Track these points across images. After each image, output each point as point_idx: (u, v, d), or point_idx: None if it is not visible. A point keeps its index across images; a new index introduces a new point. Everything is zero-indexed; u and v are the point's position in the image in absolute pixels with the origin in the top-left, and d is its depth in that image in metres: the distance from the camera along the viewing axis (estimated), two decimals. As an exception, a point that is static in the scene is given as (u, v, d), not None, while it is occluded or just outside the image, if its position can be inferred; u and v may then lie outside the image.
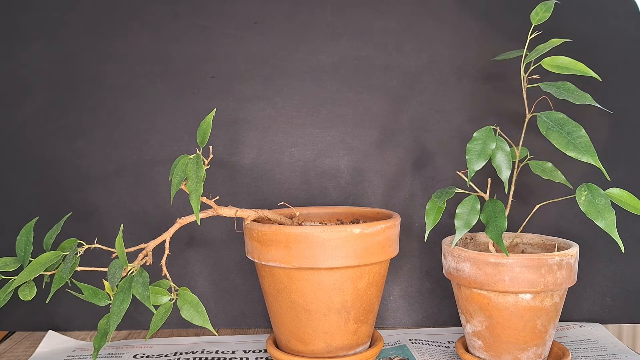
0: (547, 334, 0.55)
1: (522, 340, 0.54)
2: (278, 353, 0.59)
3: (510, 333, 0.54)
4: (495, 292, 0.53)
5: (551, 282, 0.52)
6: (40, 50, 0.71)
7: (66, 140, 0.71)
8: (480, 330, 0.55)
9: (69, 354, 0.63)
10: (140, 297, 0.48)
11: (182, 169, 0.51)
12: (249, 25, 0.71)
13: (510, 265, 0.52)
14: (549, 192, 0.69)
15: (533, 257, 0.52)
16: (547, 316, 0.54)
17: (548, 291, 0.53)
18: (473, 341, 0.57)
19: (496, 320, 0.54)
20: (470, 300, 0.55)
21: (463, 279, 0.55)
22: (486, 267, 0.53)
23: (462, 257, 0.55)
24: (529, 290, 0.52)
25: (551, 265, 0.52)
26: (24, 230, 0.55)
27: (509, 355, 0.54)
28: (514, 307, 0.53)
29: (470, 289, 0.55)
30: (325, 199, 0.72)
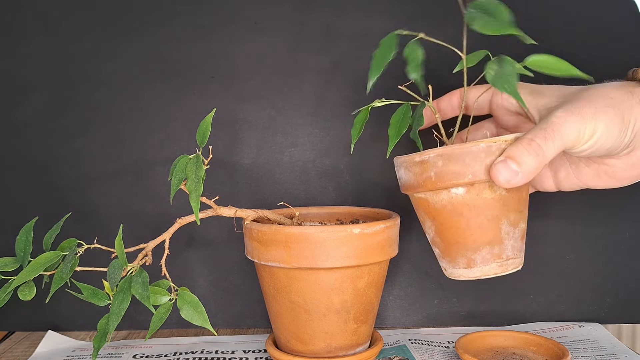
0: (501, 230, 0.49)
1: (470, 240, 0.49)
2: (278, 353, 0.59)
3: (456, 233, 0.50)
4: (429, 191, 0.49)
5: (479, 171, 0.47)
6: (40, 50, 0.71)
7: (66, 140, 0.71)
8: (433, 237, 0.52)
9: (69, 354, 0.63)
10: (140, 297, 0.48)
11: (182, 169, 0.51)
12: (249, 25, 0.71)
13: (433, 159, 0.48)
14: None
15: (454, 147, 0.48)
16: (491, 211, 0.48)
17: (482, 182, 0.47)
18: (435, 251, 0.54)
19: (439, 222, 0.50)
20: (418, 208, 0.53)
21: (404, 186, 0.53)
22: (414, 168, 0.50)
23: (398, 163, 0.53)
24: (457, 183, 0.48)
25: (476, 152, 0.47)
26: (24, 230, 0.55)
27: (462, 257, 0.50)
28: (451, 205, 0.49)
29: (412, 195, 0.52)
30: (325, 199, 0.73)
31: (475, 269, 0.50)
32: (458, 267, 0.51)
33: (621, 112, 0.45)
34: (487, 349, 0.61)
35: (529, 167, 0.44)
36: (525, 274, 0.73)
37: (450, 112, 0.57)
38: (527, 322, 0.72)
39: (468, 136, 0.58)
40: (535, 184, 0.56)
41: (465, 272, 0.51)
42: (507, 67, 0.46)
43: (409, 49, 0.50)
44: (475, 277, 0.51)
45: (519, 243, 0.51)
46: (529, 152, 0.44)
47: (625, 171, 0.49)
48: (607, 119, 0.45)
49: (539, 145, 0.44)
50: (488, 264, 0.50)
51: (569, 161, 0.52)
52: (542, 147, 0.44)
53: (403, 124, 0.53)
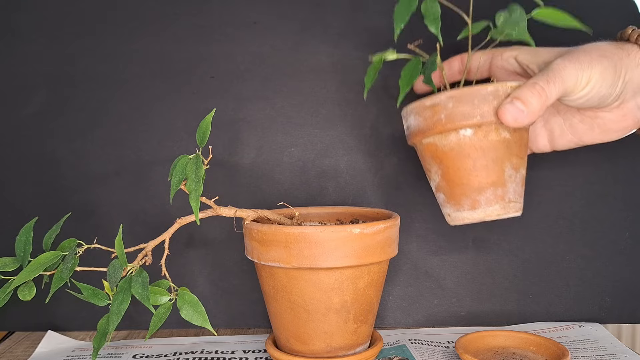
0: (504, 173, 0.51)
1: (475, 181, 0.51)
2: (277, 353, 0.59)
3: (462, 175, 0.52)
4: (438, 134, 0.51)
5: (487, 112, 0.50)
6: (39, 50, 0.71)
7: (66, 140, 0.71)
8: (439, 181, 0.54)
9: (69, 354, 0.63)
10: (140, 297, 0.48)
11: (182, 169, 0.51)
12: (249, 25, 0.71)
13: (444, 101, 0.50)
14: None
15: (463, 88, 0.50)
16: (496, 153, 0.51)
17: (490, 124, 0.50)
18: (439, 198, 0.55)
19: (446, 164, 0.52)
20: (425, 155, 0.54)
21: (413, 134, 0.54)
22: (425, 112, 0.52)
23: (408, 111, 0.54)
24: (466, 124, 0.50)
25: (484, 95, 0.50)
26: (24, 230, 0.55)
27: (467, 199, 0.52)
28: (458, 147, 0.51)
29: (421, 142, 0.53)
30: (325, 199, 0.72)
31: (479, 210, 0.52)
32: (462, 210, 0.53)
33: (614, 63, 0.49)
34: (487, 349, 0.61)
35: (533, 107, 0.48)
36: (525, 274, 0.73)
37: (450, 77, 0.60)
38: (527, 322, 0.72)
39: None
40: (530, 145, 0.58)
41: (469, 214, 0.53)
42: (516, 14, 0.50)
43: (426, 4, 0.52)
44: (478, 218, 0.52)
45: (519, 188, 0.53)
46: (533, 93, 0.48)
47: (617, 123, 0.53)
48: (601, 67, 0.49)
49: (542, 87, 0.48)
50: (491, 205, 0.52)
51: (563, 118, 0.56)
52: (544, 89, 0.48)
53: (414, 74, 0.54)
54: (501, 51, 0.56)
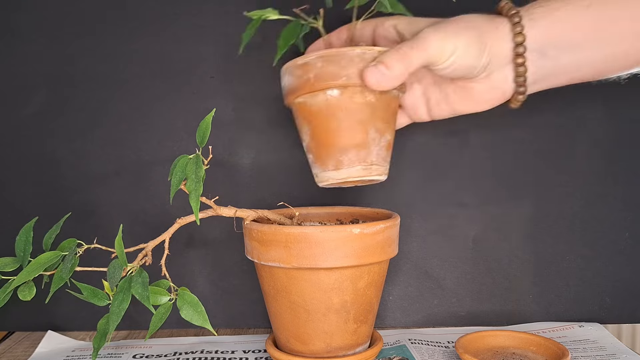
0: (368, 135, 0.52)
1: (340, 142, 0.52)
2: (277, 353, 0.59)
3: (328, 135, 0.52)
4: (308, 93, 0.52)
5: (353, 74, 0.50)
6: (39, 50, 0.71)
7: (66, 140, 0.71)
8: (308, 142, 0.54)
9: (69, 354, 0.63)
10: (140, 297, 0.48)
11: (182, 169, 0.51)
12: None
13: (313, 61, 0.51)
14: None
15: (332, 50, 0.51)
16: (360, 115, 0.51)
17: (355, 86, 0.50)
18: (309, 159, 0.55)
19: (314, 124, 0.52)
20: (297, 115, 0.54)
21: (287, 93, 0.54)
22: (297, 70, 0.52)
23: (283, 70, 0.54)
24: (333, 85, 0.50)
25: (352, 57, 0.50)
26: (24, 230, 0.55)
27: (332, 159, 0.52)
28: (326, 107, 0.51)
29: (294, 102, 0.54)
30: (325, 199, 0.72)
31: (342, 170, 0.52)
32: (327, 170, 0.53)
33: (480, 34, 0.50)
34: (487, 349, 0.61)
35: (396, 72, 0.49)
36: (525, 274, 0.73)
37: (338, 45, 0.60)
38: (527, 322, 0.72)
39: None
40: (410, 114, 0.59)
41: (333, 174, 0.53)
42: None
43: None
44: (341, 178, 0.53)
45: (383, 152, 0.54)
46: (396, 58, 0.49)
47: (486, 94, 0.54)
48: (467, 37, 0.50)
49: (405, 52, 0.49)
50: (354, 165, 0.52)
51: (439, 89, 0.57)
52: (408, 54, 0.49)
53: (292, 35, 0.55)
54: (383, 20, 0.57)
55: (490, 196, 0.72)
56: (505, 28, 0.50)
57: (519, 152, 0.72)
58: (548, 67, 0.51)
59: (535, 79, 0.51)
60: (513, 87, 0.52)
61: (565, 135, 0.71)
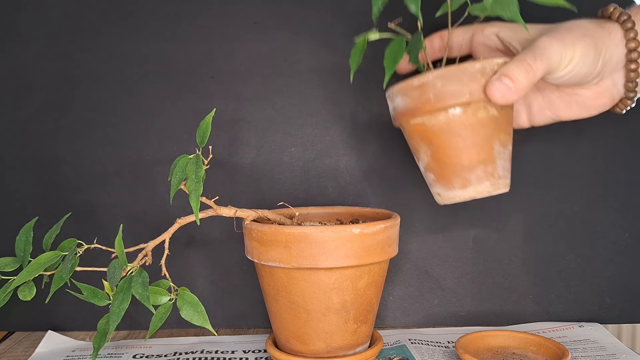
0: (494, 150, 0.52)
1: (466, 160, 0.51)
2: (278, 353, 0.59)
3: (453, 154, 0.51)
4: (427, 114, 0.51)
5: (476, 90, 0.49)
6: (40, 50, 0.71)
7: (66, 140, 0.71)
8: (428, 161, 0.54)
9: (69, 354, 0.63)
10: (140, 297, 0.48)
11: (182, 169, 0.51)
12: (249, 25, 0.71)
13: (432, 81, 0.50)
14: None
15: (451, 67, 0.50)
16: (485, 130, 0.51)
17: (478, 102, 0.50)
18: (428, 178, 0.55)
19: (436, 144, 0.52)
20: (413, 135, 0.54)
21: (399, 115, 0.53)
22: (413, 92, 0.51)
23: (394, 92, 0.54)
24: (455, 103, 0.50)
25: (472, 73, 0.50)
26: (24, 230, 0.55)
27: (458, 177, 0.52)
28: (448, 126, 0.51)
29: (408, 122, 0.53)
30: (325, 199, 0.72)
31: (470, 188, 0.52)
32: (453, 189, 0.53)
33: (595, 41, 0.50)
34: (487, 349, 0.61)
35: (521, 84, 0.48)
36: (525, 274, 0.73)
37: (431, 55, 0.60)
38: (527, 322, 0.72)
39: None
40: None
41: (460, 193, 0.53)
42: None
43: None
44: (469, 196, 0.52)
45: (507, 163, 0.54)
46: (520, 70, 0.49)
47: (594, 100, 0.54)
48: (584, 45, 0.49)
49: (529, 64, 0.49)
50: (482, 182, 0.52)
51: (542, 95, 0.56)
52: (532, 65, 0.49)
53: (398, 53, 0.53)
54: (482, 27, 0.56)
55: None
56: (619, 34, 0.50)
57: (519, 152, 0.72)
58: None
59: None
60: (622, 93, 0.52)
61: (565, 134, 0.71)
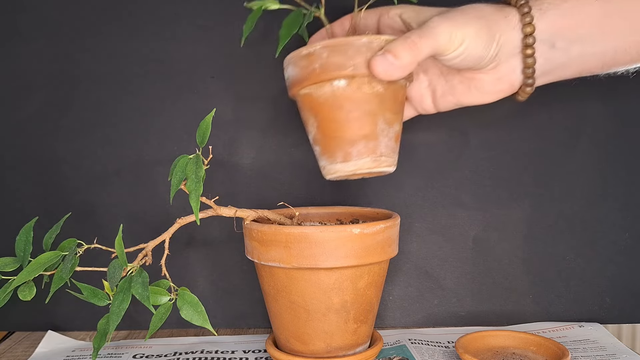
0: (377, 126, 0.51)
1: (348, 133, 0.51)
2: (278, 353, 0.59)
3: (336, 126, 0.51)
4: (313, 84, 0.51)
5: (360, 64, 0.49)
6: (40, 50, 0.71)
7: (66, 140, 0.71)
8: (315, 134, 0.53)
9: (69, 354, 0.63)
10: (140, 297, 0.48)
11: (182, 169, 0.51)
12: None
13: (318, 51, 0.50)
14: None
15: (338, 39, 0.50)
16: (369, 105, 0.50)
17: (362, 76, 0.49)
18: (315, 151, 0.54)
19: (321, 116, 0.52)
20: (303, 106, 0.53)
21: (291, 85, 0.53)
22: (301, 61, 0.51)
23: (286, 61, 0.53)
24: (340, 75, 0.49)
25: (358, 46, 0.49)
26: (24, 230, 0.55)
27: (341, 151, 0.52)
28: (333, 98, 0.50)
29: (299, 93, 0.53)
30: (325, 199, 0.72)
31: (351, 162, 0.52)
32: (336, 162, 0.52)
33: (489, 24, 0.50)
34: (487, 349, 0.61)
35: (404, 61, 0.48)
36: (525, 274, 0.73)
37: (341, 35, 0.60)
38: (527, 322, 0.72)
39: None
40: (416, 105, 0.59)
41: (341, 167, 0.52)
42: None
43: None
44: (350, 171, 0.52)
45: (392, 143, 0.53)
46: (404, 47, 0.48)
47: (492, 85, 0.53)
48: (476, 27, 0.49)
49: (413, 41, 0.48)
50: (363, 157, 0.51)
51: (445, 80, 0.56)
52: (416, 43, 0.48)
53: (294, 25, 0.54)
54: (387, 9, 0.56)
55: (490, 196, 0.72)
56: (515, 18, 0.50)
57: (519, 152, 0.72)
58: (557, 58, 0.51)
59: (543, 70, 0.51)
60: (521, 79, 0.52)
61: (565, 134, 0.71)
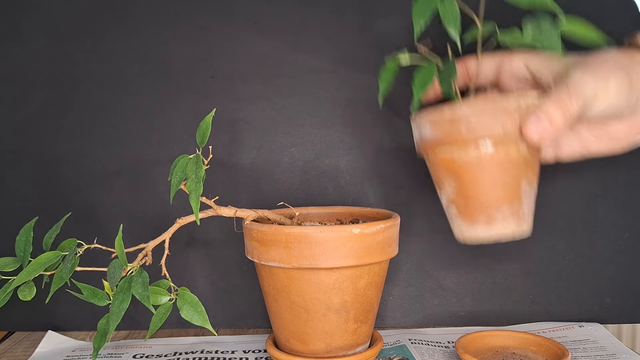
0: (521, 189, 0.50)
1: (492, 197, 0.50)
2: (278, 353, 0.59)
3: (479, 190, 0.50)
4: (456, 147, 0.49)
5: (510, 127, 0.48)
6: (40, 50, 0.71)
7: (66, 140, 0.72)
8: (452, 196, 0.52)
9: (69, 354, 0.63)
10: (140, 297, 0.48)
11: (182, 169, 0.51)
12: (249, 25, 0.71)
13: (465, 115, 0.48)
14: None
15: (486, 101, 0.48)
16: (515, 169, 0.50)
17: (511, 139, 0.49)
18: (450, 211, 0.53)
19: (463, 179, 0.50)
20: (438, 166, 0.52)
21: (426, 144, 0.52)
22: (443, 123, 0.50)
23: (422, 120, 0.52)
24: (488, 139, 0.49)
25: (507, 109, 0.48)
26: (24, 230, 0.55)
27: (483, 215, 0.51)
28: (477, 161, 0.49)
29: (435, 153, 0.52)
30: (325, 199, 0.72)
31: (494, 226, 0.51)
32: (477, 225, 0.51)
33: (628, 74, 0.49)
34: (487, 349, 0.61)
35: (558, 123, 0.47)
36: (525, 274, 0.73)
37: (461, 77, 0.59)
38: (527, 322, 0.72)
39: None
40: None
41: (484, 231, 0.51)
42: (547, 26, 0.48)
43: (444, 4, 0.50)
44: (493, 236, 0.51)
45: (532, 204, 0.52)
46: (557, 108, 0.47)
47: (626, 133, 0.52)
48: (618, 79, 0.48)
49: (566, 103, 0.47)
50: (507, 221, 0.51)
51: (571, 130, 0.55)
52: (568, 105, 0.47)
53: (427, 78, 0.52)
54: (509, 57, 0.54)
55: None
56: None
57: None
58: None
59: None
60: None
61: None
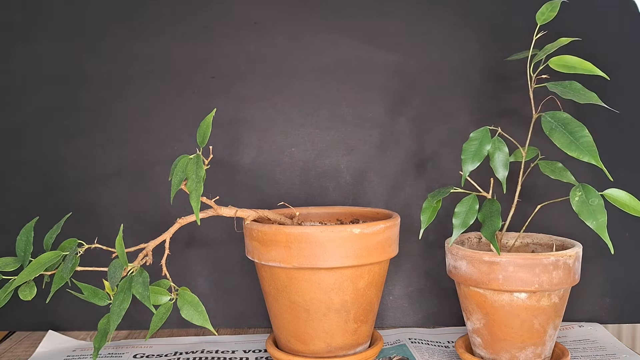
0: (546, 334, 0.54)
1: (519, 339, 0.54)
2: (278, 353, 0.59)
3: (507, 331, 0.54)
4: (490, 290, 0.53)
5: (546, 281, 0.52)
6: (40, 50, 0.71)
7: (66, 140, 0.72)
8: (479, 327, 0.56)
9: (69, 354, 0.63)
10: (140, 297, 0.48)
11: (182, 169, 0.51)
12: (249, 25, 0.71)
13: (504, 264, 0.52)
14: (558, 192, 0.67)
15: (527, 256, 0.52)
16: (544, 316, 0.54)
17: (544, 291, 0.53)
18: (473, 338, 0.57)
19: (492, 318, 0.54)
20: (469, 298, 0.56)
21: (460, 277, 0.55)
22: (481, 266, 0.53)
23: (459, 255, 0.55)
24: (523, 290, 0.52)
25: (546, 265, 0.52)
26: (24, 230, 0.55)
27: (507, 353, 0.55)
28: (510, 306, 0.53)
29: (468, 286, 0.55)
30: (325, 199, 0.73)
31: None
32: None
33: None
34: (487, 349, 0.61)
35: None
36: (525, 274, 0.73)
37: None
38: (527, 322, 0.72)
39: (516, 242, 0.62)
40: None
41: None
42: (594, 199, 0.51)
43: (494, 145, 0.55)
44: None
45: (553, 344, 0.57)
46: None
47: None
48: None
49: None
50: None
51: None
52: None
53: (469, 215, 0.55)
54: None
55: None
56: None
57: (519, 152, 0.72)
58: None
59: None
60: None
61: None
